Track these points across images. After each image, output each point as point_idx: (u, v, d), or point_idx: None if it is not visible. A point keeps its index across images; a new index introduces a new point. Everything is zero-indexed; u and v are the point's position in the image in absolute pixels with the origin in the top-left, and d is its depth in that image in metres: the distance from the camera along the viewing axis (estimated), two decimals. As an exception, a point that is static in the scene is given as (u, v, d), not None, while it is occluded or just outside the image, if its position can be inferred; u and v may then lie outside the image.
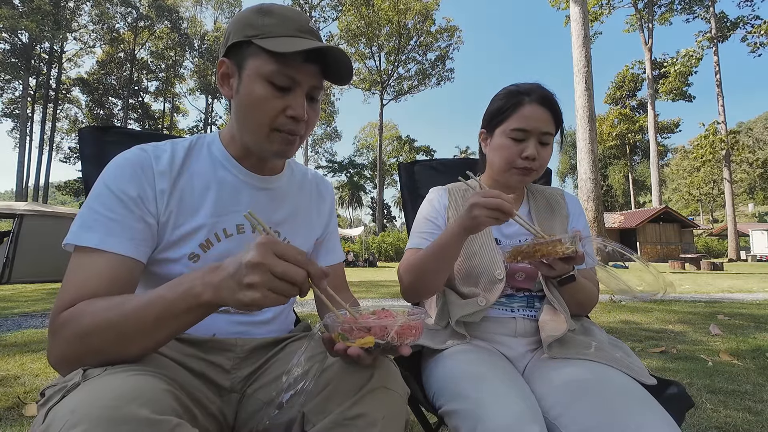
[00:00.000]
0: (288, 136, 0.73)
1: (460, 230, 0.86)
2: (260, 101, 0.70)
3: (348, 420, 0.60)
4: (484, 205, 0.80)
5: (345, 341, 0.58)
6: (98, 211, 0.66)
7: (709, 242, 33.39)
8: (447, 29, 32.09)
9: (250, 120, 0.72)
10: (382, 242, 24.60)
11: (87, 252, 0.64)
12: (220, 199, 0.77)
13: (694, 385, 2.09)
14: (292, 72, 0.69)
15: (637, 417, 0.67)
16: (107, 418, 0.44)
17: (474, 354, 0.89)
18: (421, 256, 0.95)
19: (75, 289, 0.61)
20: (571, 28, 11.23)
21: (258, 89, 0.69)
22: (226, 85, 0.74)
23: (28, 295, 6.21)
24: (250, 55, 0.70)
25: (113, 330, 0.55)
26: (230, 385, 0.74)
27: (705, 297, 5.94)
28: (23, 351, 2.76)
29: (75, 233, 0.65)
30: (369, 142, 48.22)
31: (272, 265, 0.49)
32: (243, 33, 0.70)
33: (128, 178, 0.69)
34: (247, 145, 0.77)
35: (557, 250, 0.82)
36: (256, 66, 0.69)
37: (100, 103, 33.10)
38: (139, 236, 0.68)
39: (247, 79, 0.70)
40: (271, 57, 0.68)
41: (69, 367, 0.57)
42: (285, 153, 0.75)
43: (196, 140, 0.81)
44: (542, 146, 1.00)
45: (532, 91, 1.00)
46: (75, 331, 0.57)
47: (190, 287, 0.53)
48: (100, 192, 0.68)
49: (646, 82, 27.46)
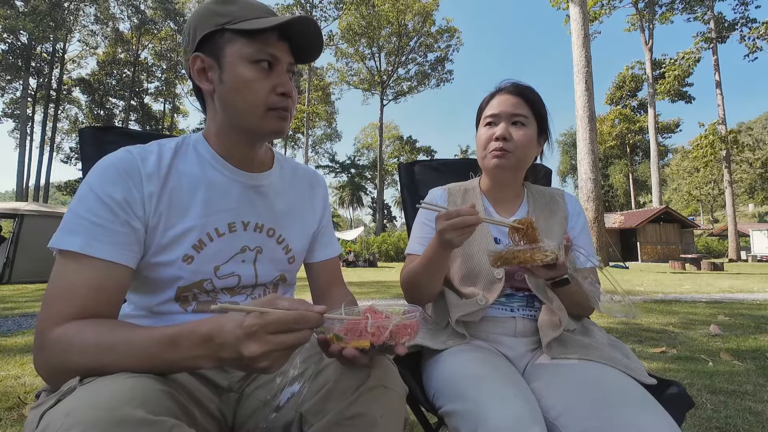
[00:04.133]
0: (281, 112, 0.74)
1: (439, 249, 0.88)
2: (250, 83, 0.70)
3: (346, 419, 0.60)
4: (452, 228, 0.80)
5: (340, 342, 0.58)
6: (82, 215, 0.64)
7: (710, 242, 33.33)
8: (447, 30, 32.10)
9: (242, 103, 0.72)
10: (383, 242, 24.61)
11: (71, 257, 0.62)
12: (210, 199, 0.76)
13: (694, 386, 2.08)
14: (272, 49, 0.71)
15: (638, 417, 0.67)
16: (103, 420, 0.44)
17: (474, 354, 0.89)
18: (414, 269, 0.97)
19: (61, 302, 0.60)
20: (571, 29, 11.23)
21: (245, 72, 0.70)
22: (205, 80, 0.74)
23: (28, 295, 6.21)
24: (227, 42, 0.71)
25: (103, 369, 0.54)
26: (228, 384, 0.74)
27: (705, 297, 5.93)
28: (23, 351, 2.76)
29: (58, 237, 0.63)
30: (369, 143, 48.25)
31: (273, 348, 0.50)
32: (213, 23, 0.71)
33: (113, 181, 0.67)
34: (243, 130, 0.76)
35: (535, 257, 0.81)
36: (235, 51, 0.70)
37: (101, 103, 33.13)
38: (125, 240, 0.66)
39: (230, 65, 0.70)
40: (249, 39, 0.70)
41: (57, 380, 0.55)
42: (281, 129, 0.76)
43: (182, 140, 0.79)
44: (515, 127, 1.01)
45: (505, 85, 1.06)
46: (63, 361, 0.56)
47: (188, 357, 0.53)
48: (85, 195, 0.66)
49: (647, 83, 27.45)
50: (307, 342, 0.53)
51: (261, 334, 0.49)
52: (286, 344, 0.50)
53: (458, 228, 0.80)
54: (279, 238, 0.85)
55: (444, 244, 0.85)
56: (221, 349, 0.52)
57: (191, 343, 0.53)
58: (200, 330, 0.53)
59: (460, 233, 0.81)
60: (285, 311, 0.51)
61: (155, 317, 0.75)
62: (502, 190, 1.10)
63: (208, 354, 0.53)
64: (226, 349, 0.51)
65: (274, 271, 0.85)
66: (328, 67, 34.04)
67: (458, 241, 0.82)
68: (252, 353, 0.49)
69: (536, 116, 1.03)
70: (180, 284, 0.74)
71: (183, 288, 0.74)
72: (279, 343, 0.50)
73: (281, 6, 28.84)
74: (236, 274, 0.79)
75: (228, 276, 0.78)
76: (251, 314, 0.51)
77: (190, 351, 0.53)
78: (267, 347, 0.49)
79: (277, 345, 0.50)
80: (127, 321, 0.66)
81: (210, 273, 0.76)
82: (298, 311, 0.52)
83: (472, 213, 0.80)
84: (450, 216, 0.81)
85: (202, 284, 0.76)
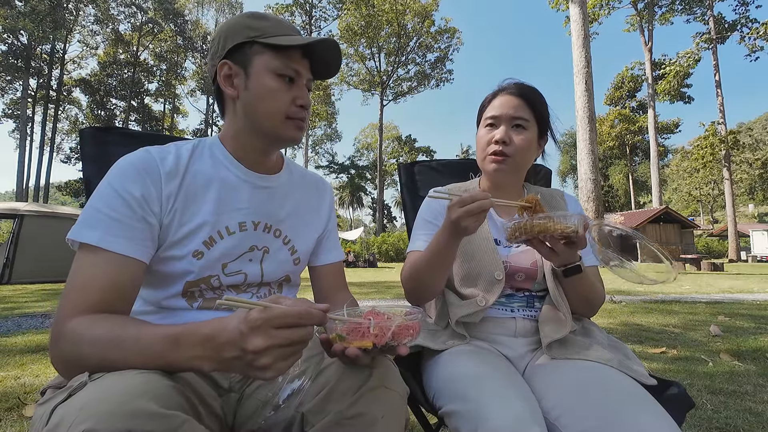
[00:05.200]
0: (299, 122, 0.80)
1: (451, 239, 0.86)
2: (273, 92, 0.76)
3: (347, 420, 0.60)
4: (468, 214, 0.79)
5: (342, 342, 0.58)
6: (100, 210, 0.67)
7: (710, 243, 33.35)
8: (446, 30, 32.12)
9: (265, 110, 0.77)
10: (382, 242, 24.60)
11: (89, 250, 0.65)
12: (222, 197, 0.79)
13: (694, 386, 2.08)
14: (296, 65, 0.78)
15: (638, 417, 0.67)
16: (116, 413, 0.44)
17: (474, 355, 0.89)
18: (418, 264, 0.95)
19: (77, 296, 0.62)
20: (571, 29, 11.25)
21: (270, 82, 0.76)
22: (230, 86, 0.79)
23: (28, 296, 6.21)
24: (255, 54, 0.76)
25: (111, 364, 0.55)
26: (229, 384, 0.74)
27: (705, 297, 5.93)
28: (23, 351, 2.76)
29: (76, 230, 0.66)
30: (369, 143, 48.29)
31: (277, 342, 0.50)
32: (244, 35, 0.76)
33: (132, 178, 0.70)
34: (263, 134, 0.80)
35: (556, 227, 0.79)
36: (263, 62, 0.76)
37: (102, 104, 33.15)
38: (140, 236, 0.69)
39: (256, 75, 0.76)
40: (276, 53, 0.76)
41: (70, 373, 0.57)
42: (297, 137, 0.82)
43: (198, 143, 0.84)
44: (515, 131, 1.00)
45: (508, 85, 1.04)
46: (74, 354, 0.58)
47: (188, 357, 0.54)
48: (104, 191, 0.69)
49: (646, 83, 27.47)
50: (309, 340, 0.53)
51: (265, 328, 0.49)
52: (289, 339, 0.50)
53: (474, 213, 0.79)
54: (285, 239, 0.87)
55: (458, 233, 0.83)
56: (223, 349, 0.52)
57: (192, 342, 0.54)
58: (202, 330, 0.54)
59: (476, 219, 0.80)
60: (289, 307, 0.51)
61: (163, 313, 0.77)
62: (502, 191, 1.10)
63: (209, 354, 0.53)
64: (229, 347, 0.51)
65: (280, 271, 0.87)
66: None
67: (473, 228, 0.81)
68: (255, 347, 0.49)
69: (537, 119, 1.02)
70: (188, 279, 0.76)
71: (191, 283, 0.76)
72: (283, 338, 0.50)
73: (280, 6, 28.86)
74: (243, 272, 0.81)
75: (235, 273, 0.80)
76: (255, 309, 0.51)
77: (190, 351, 0.54)
78: (271, 341, 0.49)
79: (282, 340, 0.50)
80: (136, 317, 0.67)
81: (218, 269, 0.78)
82: (303, 307, 0.52)
83: (485, 197, 0.80)
84: (465, 202, 0.80)
85: (209, 280, 0.78)
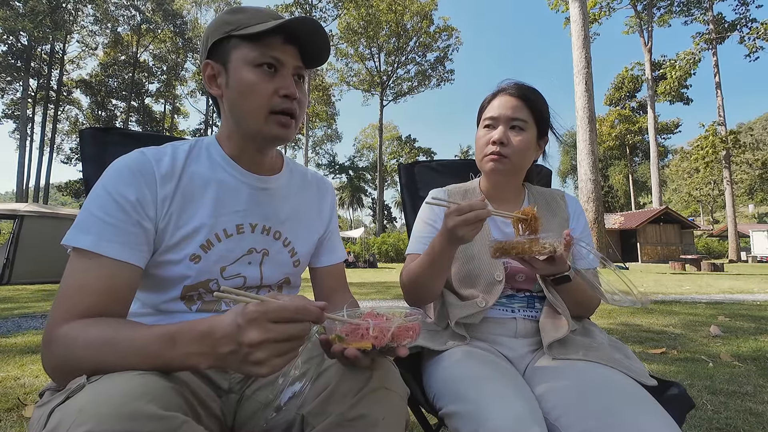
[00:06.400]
0: (284, 118, 0.75)
1: (448, 245, 0.86)
2: (252, 86, 0.72)
3: (348, 421, 0.60)
4: (465, 224, 0.79)
5: (342, 343, 0.58)
6: (95, 214, 0.66)
7: (710, 243, 33.34)
8: (445, 29, 32.12)
9: (246, 107, 0.74)
10: (382, 243, 24.60)
11: (83, 255, 0.64)
12: (219, 200, 0.77)
13: (694, 387, 2.08)
14: (275, 53, 0.73)
15: (638, 418, 0.67)
16: (116, 414, 0.44)
17: (474, 355, 0.89)
18: (416, 267, 0.95)
19: (71, 300, 0.61)
20: (571, 30, 11.25)
21: (248, 75, 0.72)
22: (215, 86, 0.77)
23: (28, 296, 6.21)
24: (232, 48, 0.73)
25: (106, 366, 0.55)
26: (229, 386, 0.74)
27: (705, 298, 5.93)
28: (23, 352, 2.76)
29: (71, 235, 0.65)
30: (369, 144, 48.28)
31: (273, 336, 0.49)
32: (221, 31, 0.74)
33: (127, 181, 0.68)
34: (248, 135, 0.77)
35: (533, 249, 0.82)
36: (240, 56, 0.73)
37: (102, 104, 33.15)
38: (135, 241, 0.67)
39: (235, 70, 0.73)
40: (252, 43, 0.72)
41: (63, 378, 0.56)
42: (285, 136, 0.76)
43: (195, 143, 0.81)
44: (513, 131, 1.00)
45: (507, 86, 1.04)
46: (68, 358, 0.57)
47: (185, 354, 0.53)
48: (98, 195, 0.67)
49: (646, 84, 27.47)
50: (305, 336, 0.52)
51: (262, 321, 0.49)
52: (286, 334, 0.50)
53: (471, 223, 0.79)
54: (285, 241, 0.86)
55: (454, 241, 0.84)
56: (219, 344, 0.51)
57: (188, 339, 0.53)
58: (198, 327, 0.54)
59: (473, 228, 0.80)
60: (287, 301, 0.51)
61: (161, 315, 0.76)
62: (501, 191, 1.10)
63: (205, 351, 0.52)
64: (225, 342, 0.51)
65: (279, 274, 0.86)
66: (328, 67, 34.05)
67: (470, 237, 0.81)
68: (251, 340, 0.49)
69: (536, 119, 1.02)
70: (186, 283, 0.75)
71: (189, 287, 0.75)
72: (279, 332, 0.49)
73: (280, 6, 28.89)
74: (242, 275, 0.80)
75: (234, 276, 0.79)
76: (252, 302, 0.51)
77: (186, 348, 0.53)
78: (267, 335, 0.49)
79: (278, 334, 0.49)
80: (133, 320, 0.67)
81: (216, 273, 0.77)
82: (300, 303, 0.52)
83: (483, 206, 0.80)
84: (462, 211, 0.80)
85: (208, 284, 0.77)
